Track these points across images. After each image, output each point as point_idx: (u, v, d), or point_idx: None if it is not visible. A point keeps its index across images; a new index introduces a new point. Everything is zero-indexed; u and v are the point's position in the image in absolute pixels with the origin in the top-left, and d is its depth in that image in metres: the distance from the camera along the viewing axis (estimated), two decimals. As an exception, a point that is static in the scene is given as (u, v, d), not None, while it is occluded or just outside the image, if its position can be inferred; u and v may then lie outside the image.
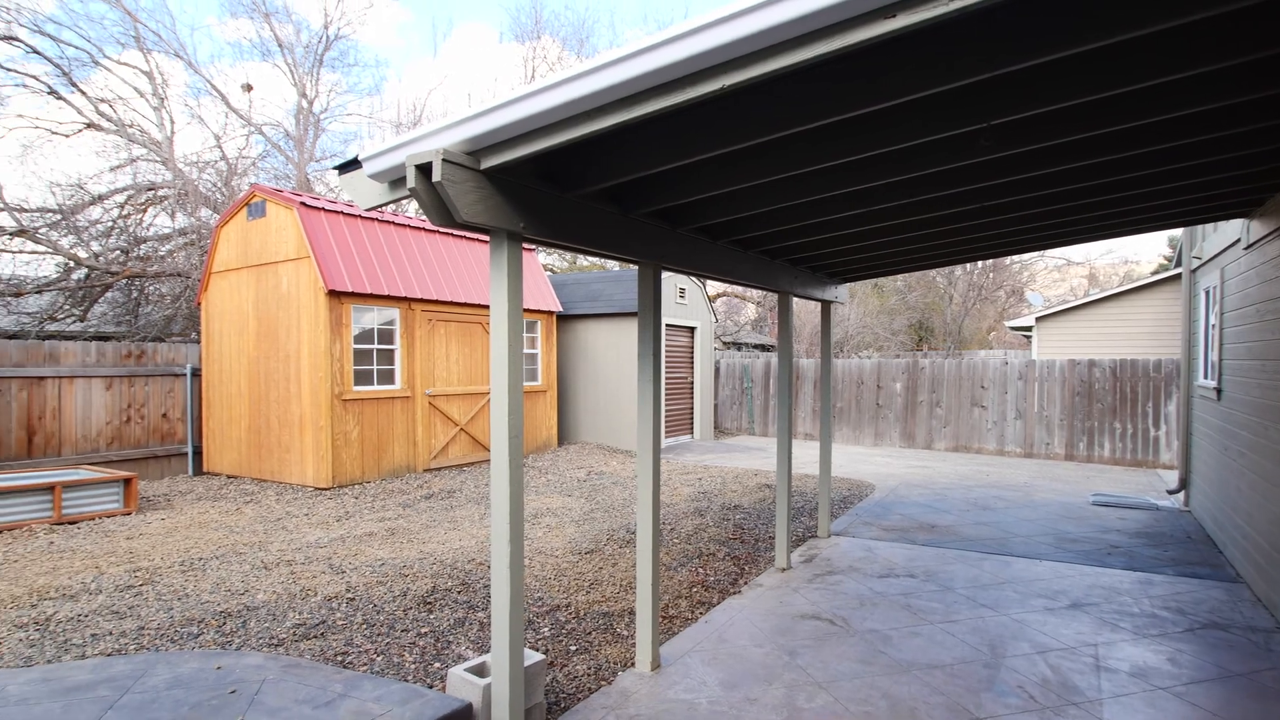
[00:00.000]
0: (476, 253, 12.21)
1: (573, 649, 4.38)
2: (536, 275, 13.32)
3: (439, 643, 4.40)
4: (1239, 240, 6.14)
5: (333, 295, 9.46)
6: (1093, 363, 12.97)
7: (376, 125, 24.24)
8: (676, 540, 6.86)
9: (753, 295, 31.60)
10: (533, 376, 13.03)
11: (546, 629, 4.68)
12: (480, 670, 3.49)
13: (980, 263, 31.40)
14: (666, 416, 14.57)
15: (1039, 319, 17.42)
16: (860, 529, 7.53)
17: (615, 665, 4.17)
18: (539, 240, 3.33)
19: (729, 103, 2.61)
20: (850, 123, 2.80)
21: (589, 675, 4.04)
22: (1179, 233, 16.40)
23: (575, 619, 4.86)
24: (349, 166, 3.10)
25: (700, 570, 5.98)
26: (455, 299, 11.23)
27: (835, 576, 5.88)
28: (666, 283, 14.29)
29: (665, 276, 13.88)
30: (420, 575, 5.69)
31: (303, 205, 9.70)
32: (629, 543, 6.73)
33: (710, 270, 4.75)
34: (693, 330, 15.46)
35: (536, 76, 25.24)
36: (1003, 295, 35.17)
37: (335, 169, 3.22)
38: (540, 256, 22.40)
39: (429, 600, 5.13)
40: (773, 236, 4.96)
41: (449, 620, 4.77)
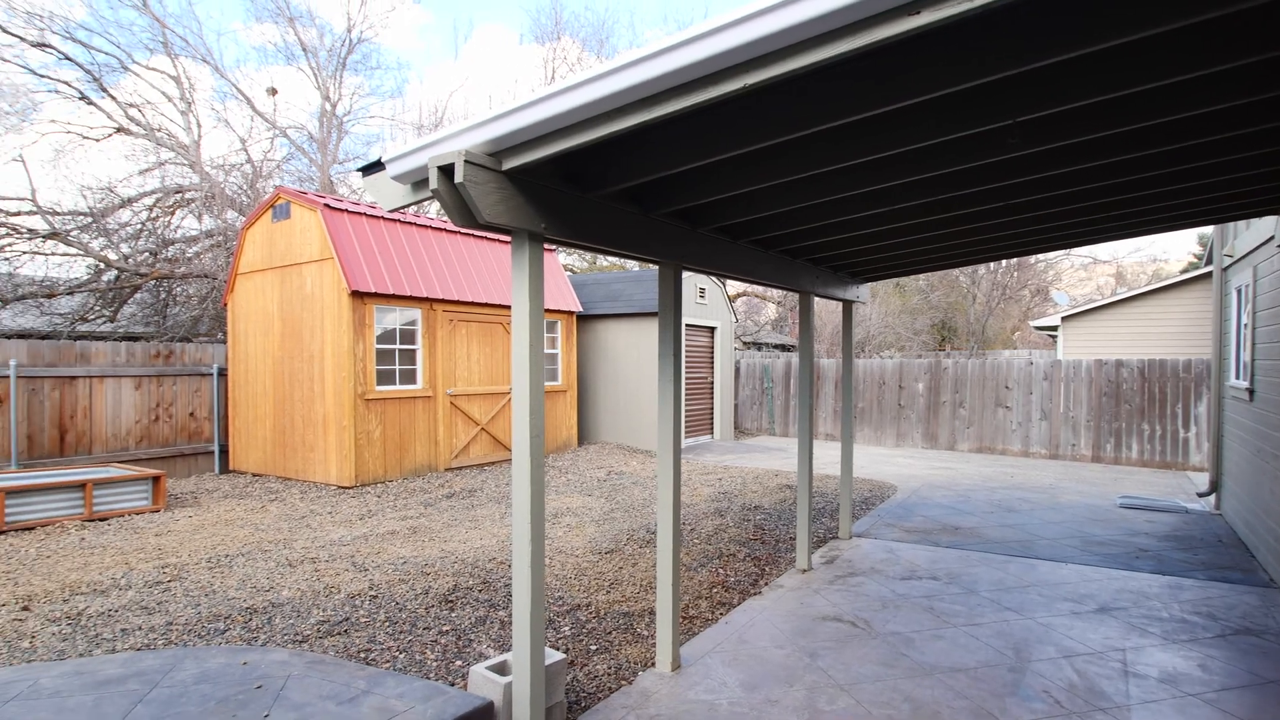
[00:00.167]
0: (497, 253, 12.28)
1: (593, 648, 4.39)
2: (557, 275, 13.36)
3: (460, 641, 4.43)
4: (1272, 237, 6.01)
5: (356, 296, 9.56)
6: (1120, 363, 12.76)
7: (398, 127, 24.45)
8: (697, 540, 6.85)
9: (773, 295, 31.47)
10: (553, 376, 13.07)
11: (567, 628, 4.70)
12: (501, 668, 3.51)
13: (1004, 261, 31.00)
14: (686, 416, 14.56)
15: (1065, 318, 17.17)
16: (882, 530, 7.47)
17: (635, 665, 4.17)
18: (560, 241, 3.34)
19: (750, 102, 2.60)
20: (872, 121, 2.78)
21: (609, 675, 4.05)
22: (1209, 230, 16.10)
23: (595, 618, 4.87)
24: (372, 168, 3.13)
25: (720, 571, 5.96)
26: (476, 299, 11.30)
27: (857, 578, 5.84)
28: (686, 282, 14.28)
29: (685, 276, 13.86)
30: (442, 574, 5.73)
31: (326, 207, 9.81)
32: (649, 543, 6.73)
33: (731, 270, 4.74)
34: (713, 330, 15.43)
35: (556, 77, 25.32)
36: (1027, 294, 34.71)
37: (359, 171, 3.25)
38: (560, 256, 22.47)
39: (450, 599, 5.17)
40: (794, 236, 4.93)
41: (470, 618, 4.80)
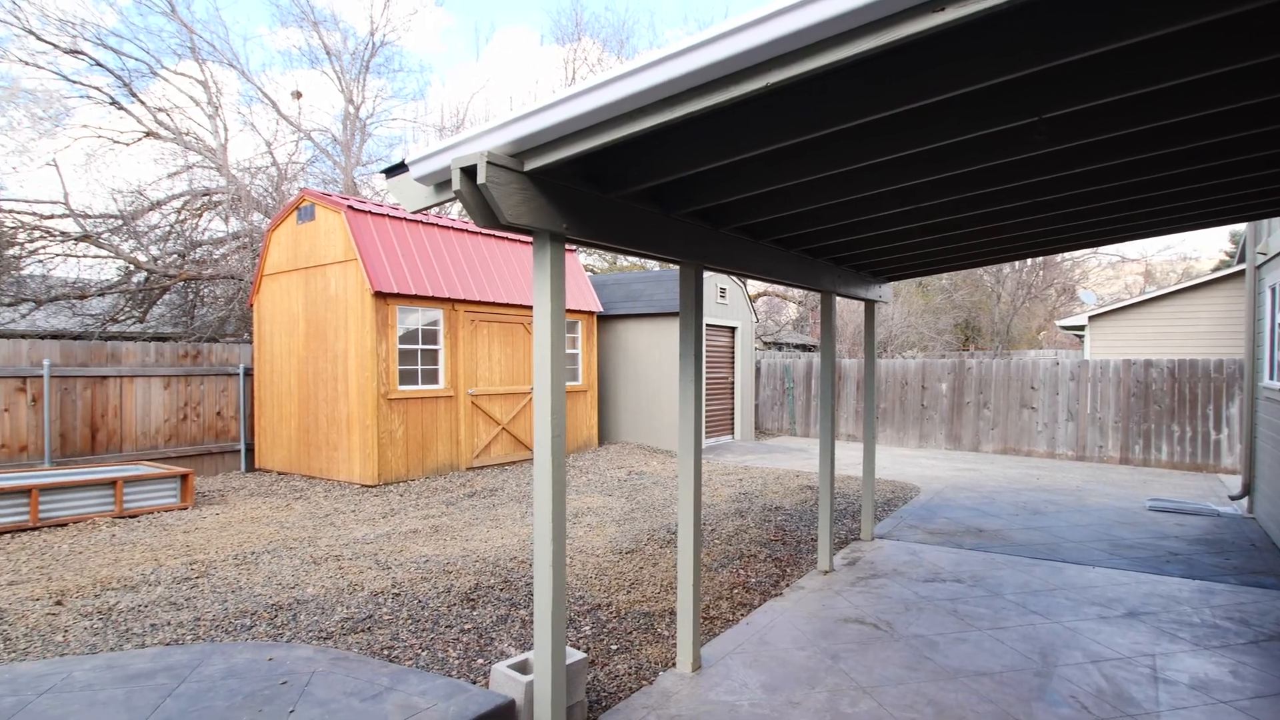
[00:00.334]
0: (518, 253, 12.34)
1: (614, 648, 4.40)
2: (577, 275, 13.40)
3: (482, 639, 4.46)
4: (1308, 235, 5.88)
5: (379, 296, 9.65)
6: (1149, 363, 12.53)
7: (420, 129, 24.68)
8: (717, 541, 6.84)
9: (794, 294, 31.32)
10: (574, 376, 13.11)
11: (588, 627, 4.71)
12: (523, 667, 3.53)
13: (1029, 260, 30.58)
14: (707, 417, 14.52)
15: (1092, 318, 16.91)
16: (905, 532, 7.41)
17: (656, 665, 4.17)
18: (582, 241, 3.35)
19: (771, 101, 2.59)
20: (894, 119, 2.75)
21: (630, 675, 4.05)
22: (1242, 227, 15.77)
23: (616, 618, 4.88)
24: (396, 170, 3.16)
25: (741, 571, 5.94)
26: (497, 299, 11.36)
27: (879, 580, 5.79)
28: (707, 282, 14.24)
29: (706, 276, 13.82)
30: (463, 572, 5.77)
31: (350, 209, 9.92)
32: (669, 543, 6.73)
33: (752, 270, 4.72)
34: (733, 330, 15.39)
35: (577, 78, 25.39)
36: (1053, 294, 34.21)
37: (383, 173, 3.29)
38: (580, 257, 22.53)
39: (472, 597, 5.20)
40: (815, 235, 4.91)
41: (491, 617, 4.83)
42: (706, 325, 14.34)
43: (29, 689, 3.49)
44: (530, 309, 11.84)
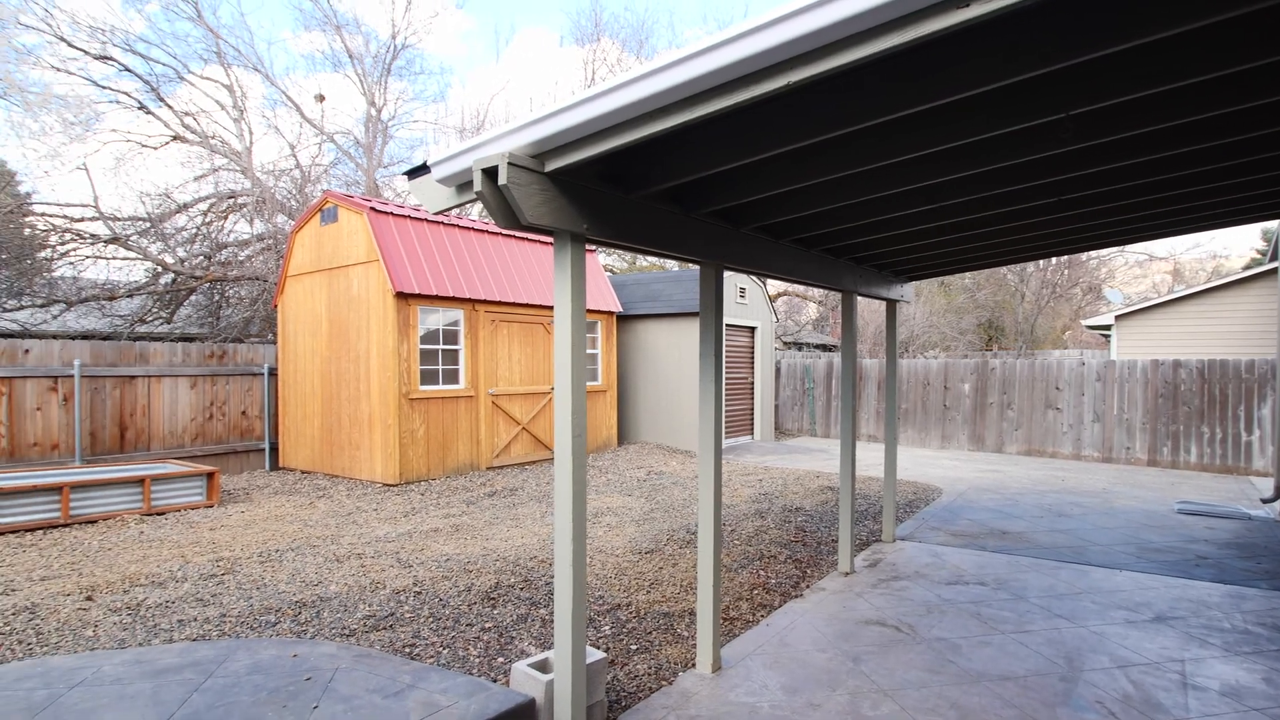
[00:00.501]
0: (538, 254, 12.39)
1: (633, 648, 4.40)
2: (597, 276, 13.42)
3: (502, 638, 4.48)
4: (1343, 232, 5.74)
5: (400, 297, 9.73)
6: (1178, 363, 12.31)
7: (441, 131, 24.85)
8: (737, 542, 6.82)
9: (814, 294, 31.14)
10: (593, 376, 13.13)
11: (607, 627, 4.71)
12: (543, 666, 3.54)
13: (1054, 259, 30.17)
14: (726, 417, 14.48)
15: (1119, 317, 16.64)
16: (927, 534, 7.34)
17: (676, 665, 4.17)
18: (602, 241, 3.36)
19: (792, 99, 2.57)
20: (918, 116, 2.73)
21: (649, 675, 4.05)
22: (1274, 225, 15.44)
23: (636, 618, 4.88)
24: (418, 172, 3.18)
25: (761, 572, 5.92)
26: (517, 300, 11.41)
27: (901, 582, 5.74)
28: (727, 282, 14.20)
29: (726, 276, 13.79)
30: (484, 571, 5.80)
31: (372, 210, 10.01)
32: (689, 543, 6.72)
33: (772, 270, 4.70)
34: (753, 330, 15.33)
35: (596, 79, 25.44)
36: (1079, 293, 33.69)
37: (405, 174, 3.32)
38: (600, 257, 22.57)
39: (492, 596, 5.23)
40: (836, 235, 4.87)
41: (512, 616, 4.85)
42: (726, 325, 14.30)
43: (61, 682, 3.56)
44: (550, 309, 11.88)
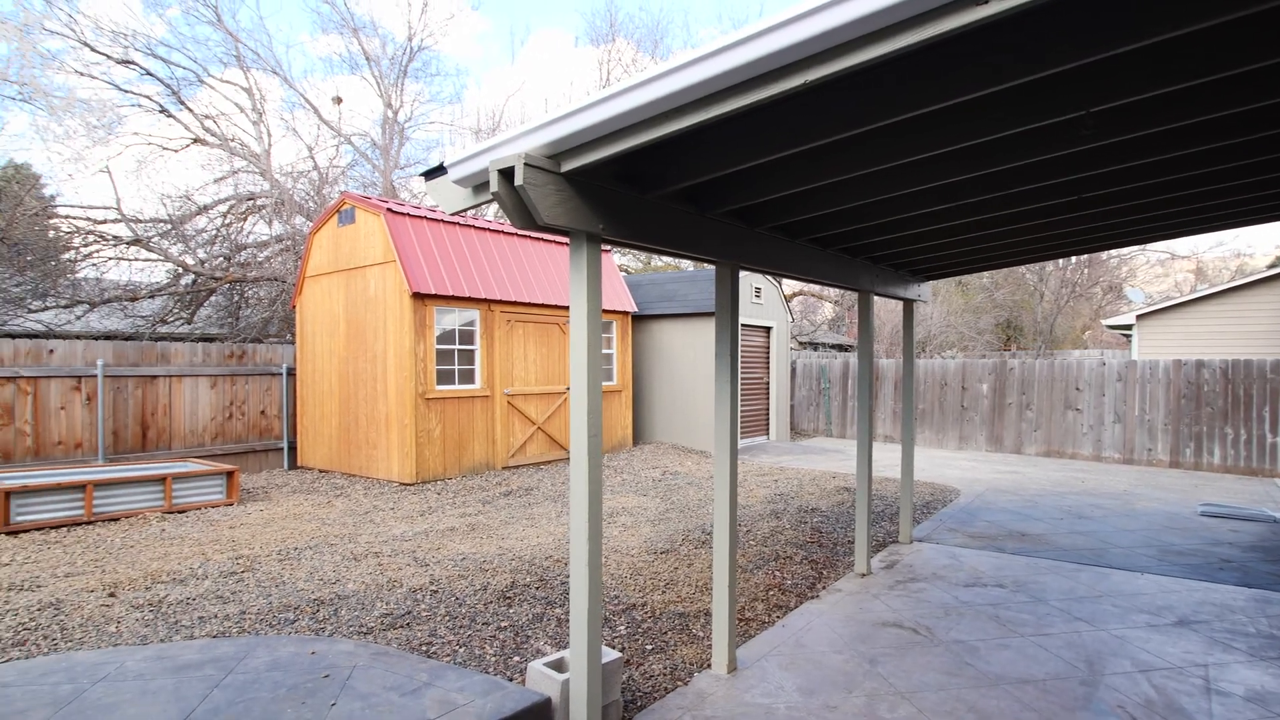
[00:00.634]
0: (554, 254, 12.42)
1: (649, 648, 4.40)
2: (612, 276, 13.43)
3: (518, 637, 4.50)
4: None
5: (417, 297, 9.79)
6: (1201, 363, 12.13)
7: (457, 132, 24.97)
8: (752, 542, 6.80)
9: (830, 294, 31.00)
10: (608, 376, 13.14)
11: (623, 627, 4.71)
12: (559, 665, 3.55)
13: (1074, 258, 29.81)
14: (741, 417, 14.45)
15: (1140, 317, 16.45)
16: (944, 535, 7.28)
17: (691, 666, 4.16)
18: (618, 241, 3.36)
19: (809, 98, 2.56)
20: (937, 114, 2.71)
21: (665, 675, 4.05)
22: (1300, 223, 15.17)
23: (651, 618, 4.88)
24: (435, 173, 3.20)
25: (777, 573, 5.90)
26: (533, 300, 11.44)
27: (918, 584, 5.70)
28: (742, 282, 14.16)
29: (741, 276, 13.74)
30: (500, 570, 5.82)
31: (389, 211, 10.08)
32: (704, 543, 6.71)
33: (788, 269, 4.68)
34: (768, 330, 15.28)
35: (611, 79, 25.45)
36: (1099, 292, 33.28)
37: (422, 175, 3.33)
38: (615, 257, 22.59)
39: (508, 595, 5.25)
40: (853, 234, 4.85)
41: (527, 615, 4.86)
42: (741, 325, 14.26)
43: (85, 677, 3.62)
44: (565, 309, 11.91)
